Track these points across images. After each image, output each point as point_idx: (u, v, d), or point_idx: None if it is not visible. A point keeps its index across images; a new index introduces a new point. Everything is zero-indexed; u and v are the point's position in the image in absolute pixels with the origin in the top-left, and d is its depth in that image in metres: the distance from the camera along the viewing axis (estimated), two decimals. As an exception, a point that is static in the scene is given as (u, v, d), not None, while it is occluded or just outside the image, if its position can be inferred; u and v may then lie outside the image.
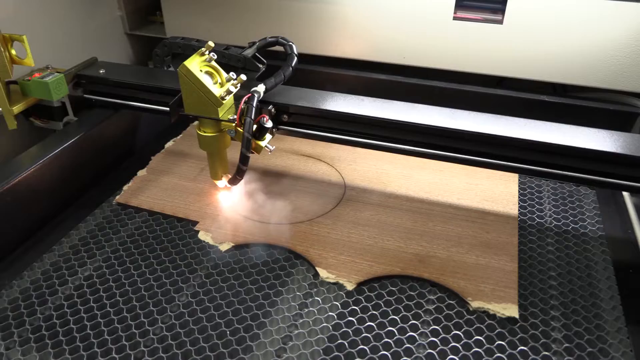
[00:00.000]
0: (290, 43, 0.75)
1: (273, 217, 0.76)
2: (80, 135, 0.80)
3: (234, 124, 0.68)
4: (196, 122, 0.98)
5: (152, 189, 0.81)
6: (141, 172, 0.85)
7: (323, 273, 0.66)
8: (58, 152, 0.76)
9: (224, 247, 0.70)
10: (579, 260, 0.69)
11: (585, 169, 0.67)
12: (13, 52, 0.75)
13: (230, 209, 0.77)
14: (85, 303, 0.62)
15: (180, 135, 0.96)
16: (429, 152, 0.72)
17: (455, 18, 0.88)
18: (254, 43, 0.77)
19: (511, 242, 0.71)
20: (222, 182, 0.76)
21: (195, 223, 0.75)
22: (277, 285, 0.65)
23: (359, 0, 0.91)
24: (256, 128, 0.67)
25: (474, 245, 0.71)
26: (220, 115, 0.67)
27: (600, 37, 0.82)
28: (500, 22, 0.86)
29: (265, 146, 0.69)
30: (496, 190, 0.82)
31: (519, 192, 0.82)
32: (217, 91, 0.66)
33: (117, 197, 0.80)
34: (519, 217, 0.76)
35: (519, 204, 0.79)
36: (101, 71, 0.85)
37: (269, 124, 0.68)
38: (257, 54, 0.76)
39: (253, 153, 0.68)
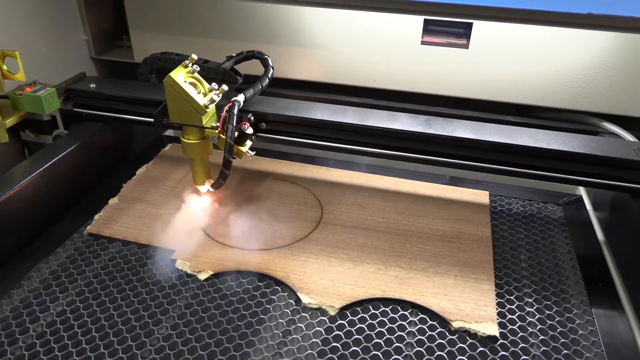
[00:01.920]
0: (266, 56, 0.81)
1: (251, 243, 0.75)
2: (73, 147, 0.82)
3: (217, 131, 0.72)
4: (168, 147, 0.97)
5: (125, 218, 0.79)
6: (112, 201, 0.83)
7: (305, 298, 0.66)
8: (51, 164, 0.78)
9: (202, 276, 0.69)
10: (552, 276, 0.72)
11: (550, 168, 0.75)
12: (4, 67, 0.77)
13: (207, 235, 0.76)
14: (59, 340, 0.59)
15: (152, 161, 0.94)
16: (406, 156, 0.79)
17: (423, 43, 0.91)
18: (231, 57, 0.81)
19: (486, 260, 0.73)
20: (205, 188, 0.80)
21: (172, 252, 0.73)
22: (259, 313, 0.64)
23: (330, 25, 0.93)
24: (238, 135, 0.72)
25: (451, 265, 0.72)
26: (204, 123, 0.71)
27: (560, 61, 0.86)
28: (466, 46, 0.89)
29: (247, 151, 0.73)
30: (468, 209, 0.84)
31: (490, 210, 0.84)
32: (201, 100, 0.71)
33: (89, 227, 0.77)
34: (492, 235, 0.79)
35: (491, 222, 0.81)
36: (92, 85, 0.88)
37: (250, 131, 0.72)
38: (234, 67, 0.81)
39: (235, 158, 0.72)
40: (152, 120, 0.76)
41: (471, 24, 0.88)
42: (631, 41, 0.81)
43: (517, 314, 0.65)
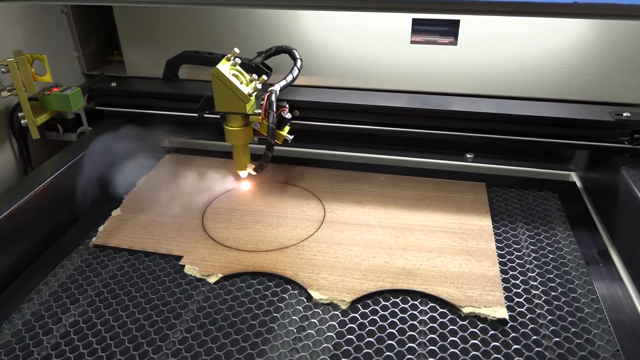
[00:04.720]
0: (294, 50, 0.89)
1: (257, 245, 0.76)
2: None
3: (260, 117, 0.78)
4: (167, 156, 0.98)
5: (129, 228, 0.80)
6: (115, 212, 0.83)
7: (316, 295, 0.67)
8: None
9: (212, 279, 0.70)
10: (554, 259, 0.73)
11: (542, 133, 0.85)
12: (32, 70, 0.81)
13: (214, 239, 0.77)
14: (75, 350, 0.59)
15: (151, 172, 0.95)
16: (408, 132, 0.89)
17: (412, 42, 0.93)
18: (261, 52, 0.90)
19: (490, 248, 0.75)
20: (245, 173, 0.85)
21: (179, 258, 0.73)
22: (272, 311, 0.65)
23: (319, 28, 0.95)
24: (278, 120, 0.78)
25: (456, 255, 0.73)
26: (247, 110, 0.77)
27: (545, 52, 0.88)
28: (455, 43, 0.92)
29: (286, 135, 0.80)
30: (467, 201, 0.85)
31: (489, 200, 0.86)
32: (246, 89, 0.76)
33: (94, 238, 0.77)
34: (492, 223, 0.80)
35: (490, 211, 0.83)
36: (112, 84, 0.97)
37: (289, 116, 0.80)
38: (264, 61, 0.89)
39: (277, 142, 0.79)
40: (177, 114, 0.89)
41: (458, 21, 0.90)
42: (616, 28, 0.84)
43: (524, 297, 0.67)
